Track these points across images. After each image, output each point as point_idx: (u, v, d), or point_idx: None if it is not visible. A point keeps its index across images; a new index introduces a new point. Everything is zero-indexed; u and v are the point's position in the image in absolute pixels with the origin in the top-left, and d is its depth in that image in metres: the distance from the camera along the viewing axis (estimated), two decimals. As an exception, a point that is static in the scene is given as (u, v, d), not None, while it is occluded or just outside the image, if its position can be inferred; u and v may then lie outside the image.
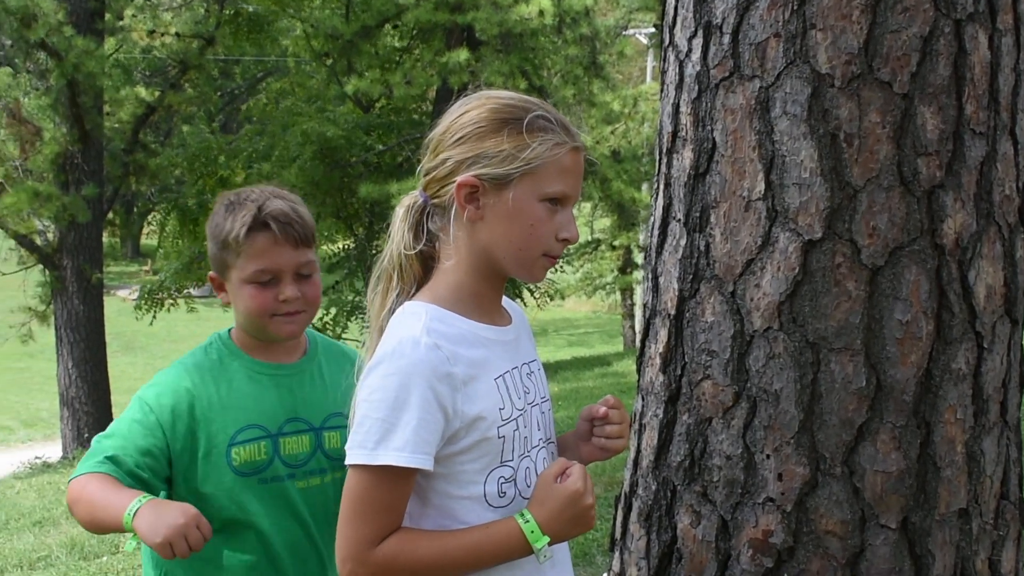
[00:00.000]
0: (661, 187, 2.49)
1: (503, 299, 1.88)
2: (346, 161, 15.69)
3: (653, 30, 21.30)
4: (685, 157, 2.38)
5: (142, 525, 1.91)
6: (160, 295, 16.53)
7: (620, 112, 15.76)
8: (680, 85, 2.41)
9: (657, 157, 2.56)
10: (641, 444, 2.49)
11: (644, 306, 2.57)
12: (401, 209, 1.81)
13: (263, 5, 18.33)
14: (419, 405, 1.62)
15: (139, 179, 15.69)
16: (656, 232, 2.50)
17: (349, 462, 1.66)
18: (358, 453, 1.64)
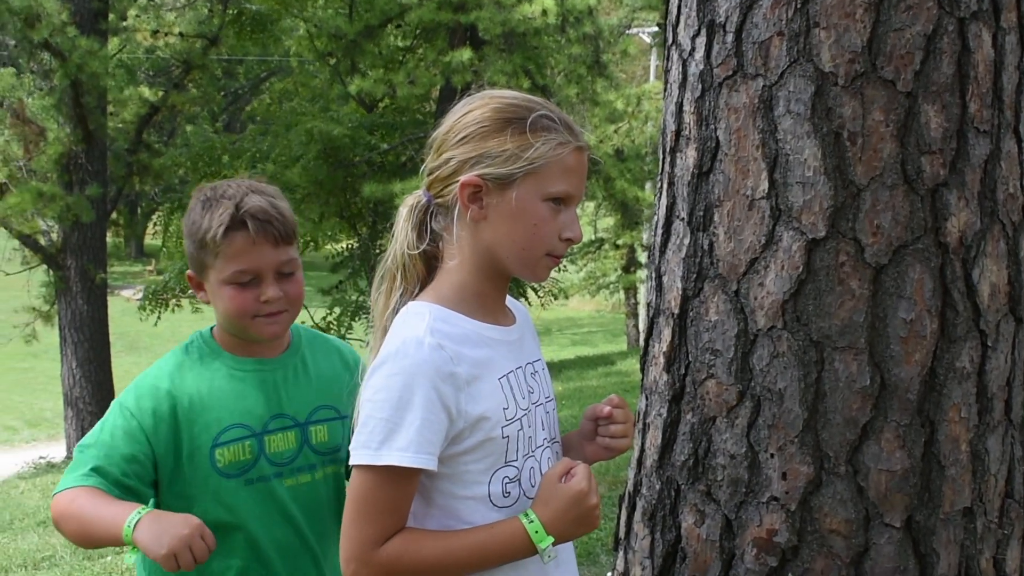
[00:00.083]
0: (665, 186, 2.49)
1: (507, 298, 1.88)
2: (350, 161, 15.71)
3: (656, 29, 21.33)
4: (689, 156, 2.38)
5: (144, 537, 1.85)
6: (164, 295, 16.56)
7: (623, 111, 15.76)
8: (683, 84, 2.41)
9: (660, 156, 2.56)
10: (645, 443, 2.49)
11: (648, 305, 2.57)
12: (405, 209, 1.81)
13: (266, 5, 18.36)
14: (423, 405, 1.62)
15: (143, 179, 15.70)
16: (660, 231, 2.50)
17: (353, 462, 1.66)
18: (362, 453, 1.64)
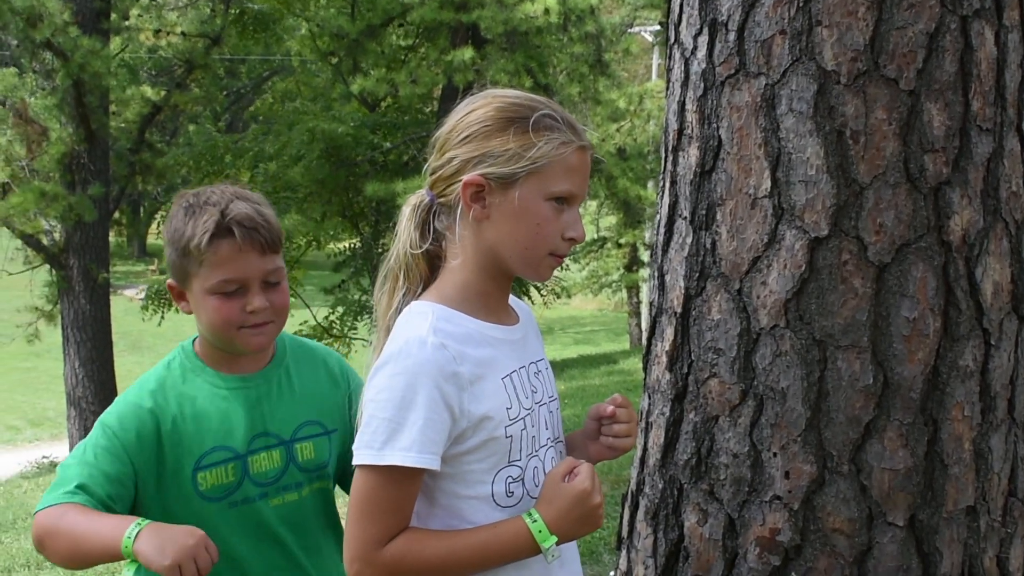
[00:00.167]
0: (667, 185, 2.49)
1: (511, 298, 1.88)
2: (352, 160, 15.71)
3: (658, 27, 21.32)
4: (691, 155, 2.38)
5: (146, 549, 1.79)
6: (167, 295, 16.55)
7: (626, 110, 15.77)
8: (686, 83, 2.41)
9: (663, 155, 2.56)
10: (648, 442, 2.49)
11: (650, 304, 2.57)
12: (408, 208, 1.81)
13: (268, 4, 18.36)
14: (426, 405, 1.62)
15: (145, 178, 15.69)
16: (662, 230, 2.50)
17: (356, 462, 1.66)
18: (365, 453, 1.64)
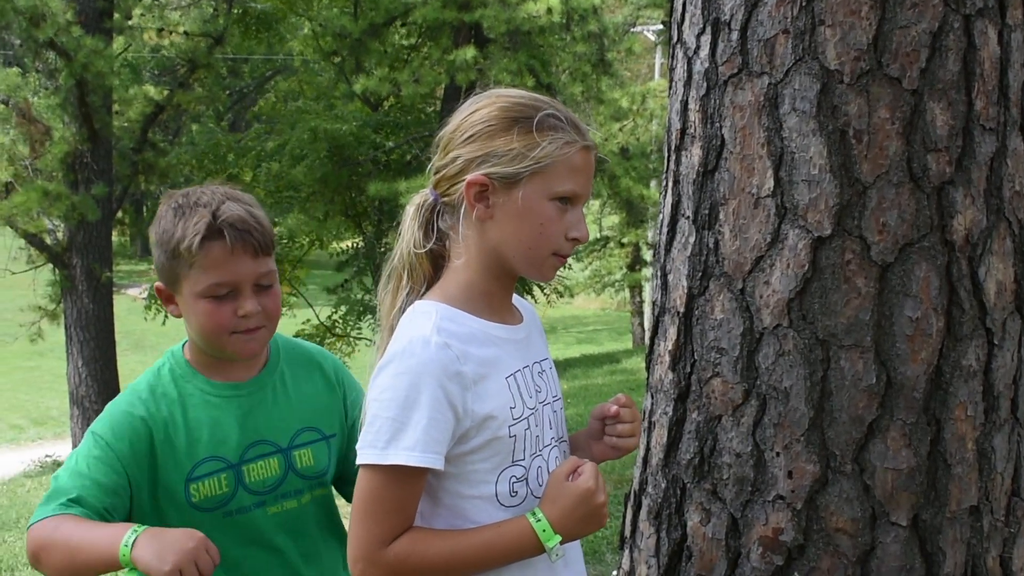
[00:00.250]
0: (670, 184, 2.49)
1: (515, 297, 1.88)
2: (355, 159, 15.72)
3: (661, 27, 21.31)
4: (694, 154, 2.38)
5: (145, 555, 1.76)
6: (168, 294, 16.54)
7: (628, 109, 15.77)
8: (688, 82, 2.41)
9: (666, 154, 2.56)
10: (651, 442, 2.49)
11: (653, 303, 2.57)
12: (411, 207, 1.81)
13: (271, 4, 18.36)
14: (429, 404, 1.62)
15: (148, 178, 15.69)
16: (665, 229, 2.50)
17: (360, 461, 1.66)
18: (369, 453, 1.64)
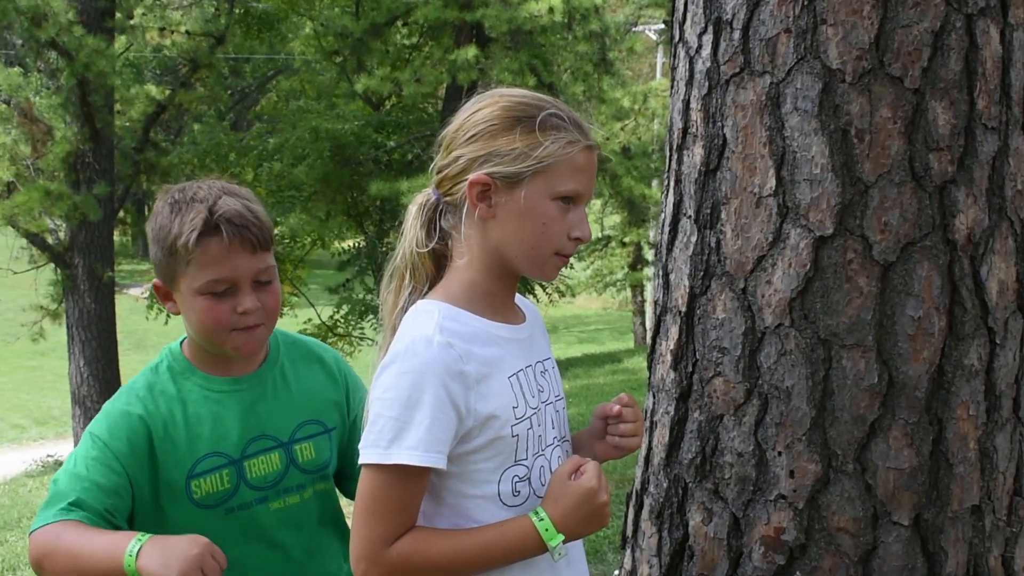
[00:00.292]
0: (672, 183, 2.49)
1: (518, 297, 1.88)
2: (356, 159, 15.72)
3: (663, 26, 21.30)
4: (696, 153, 2.38)
5: (151, 563, 1.74)
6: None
7: (630, 108, 15.77)
8: (690, 81, 2.41)
9: (667, 153, 2.55)
10: (652, 441, 2.49)
11: (655, 303, 2.57)
12: (414, 207, 1.81)
13: (273, 3, 18.37)
14: (432, 404, 1.62)
15: (150, 177, 15.69)
16: (667, 229, 2.50)
17: (362, 461, 1.66)
18: (371, 452, 1.64)
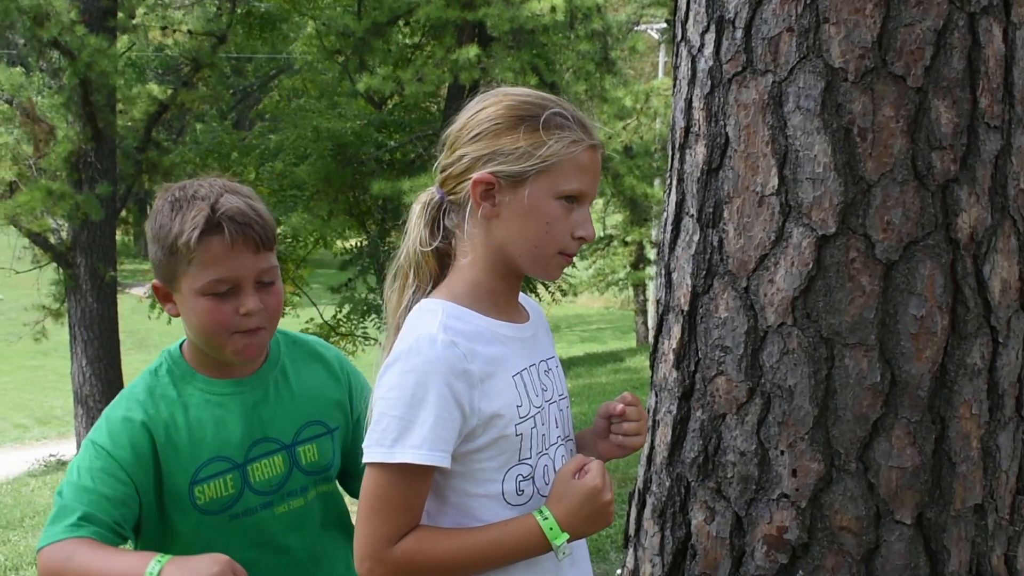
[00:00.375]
0: (674, 183, 2.49)
1: (521, 296, 1.88)
2: (358, 158, 15.72)
3: (665, 25, 21.30)
4: (698, 152, 2.38)
5: None
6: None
7: (632, 108, 15.74)
8: (692, 80, 2.41)
9: (670, 152, 2.56)
10: (655, 440, 2.49)
11: (657, 302, 2.57)
12: (418, 206, 1.81)
13: (275, 3, 18.36)
14: (436, 403, 1.62)
15: (152, 177, 15.68)
16: (669, 228, 2.50)
17: (366, 460, 1.66)
18: (375, 451, 1.64)
